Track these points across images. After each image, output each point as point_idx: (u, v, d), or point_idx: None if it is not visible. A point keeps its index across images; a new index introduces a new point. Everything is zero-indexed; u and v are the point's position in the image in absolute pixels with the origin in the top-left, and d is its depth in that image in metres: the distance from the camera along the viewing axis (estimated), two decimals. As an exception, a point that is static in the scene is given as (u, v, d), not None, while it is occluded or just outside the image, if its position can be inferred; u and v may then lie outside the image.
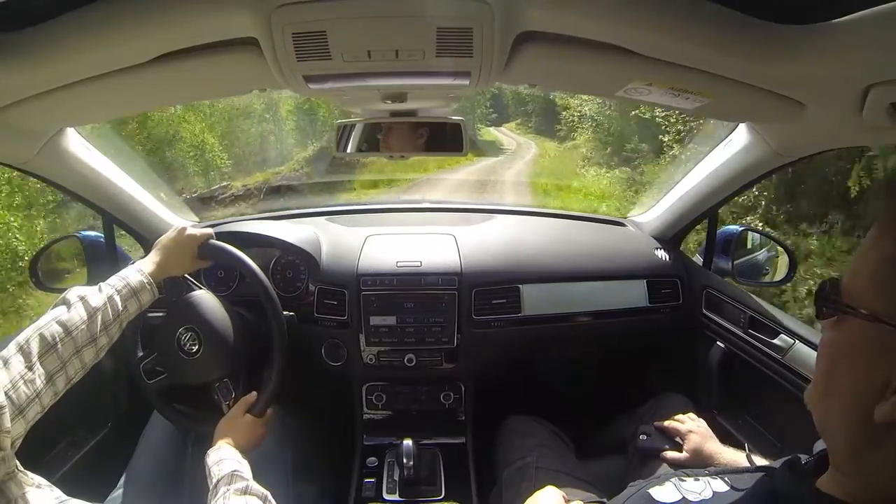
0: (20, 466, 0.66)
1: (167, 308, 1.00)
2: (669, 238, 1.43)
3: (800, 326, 1.07)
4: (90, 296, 0.77)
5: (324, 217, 1.49)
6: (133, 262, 0.89)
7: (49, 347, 0.69)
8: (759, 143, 1.00)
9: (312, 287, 1.26)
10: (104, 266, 1.26)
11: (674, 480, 0.56)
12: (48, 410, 0.68)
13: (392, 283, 1.24)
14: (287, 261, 1.29)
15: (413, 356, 1.25)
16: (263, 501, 0.71)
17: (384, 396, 1.30)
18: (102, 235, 1.29)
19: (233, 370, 0.99)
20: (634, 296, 1.32)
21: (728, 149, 1.11)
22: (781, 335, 1.07)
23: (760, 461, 0.77)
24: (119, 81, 0.67)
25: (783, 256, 1.33)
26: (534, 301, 1.27)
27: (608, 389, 1.48)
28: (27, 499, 0.63)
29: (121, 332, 0.82)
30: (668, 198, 1.41)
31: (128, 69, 0.65)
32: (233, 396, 0.97)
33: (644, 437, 1.02)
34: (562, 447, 1.12)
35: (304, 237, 1.29)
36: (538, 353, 1.48)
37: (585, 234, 1.48)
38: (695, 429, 0.97)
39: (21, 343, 0.68)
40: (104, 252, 1.29)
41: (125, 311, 0.81)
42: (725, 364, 1.25)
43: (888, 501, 0.42)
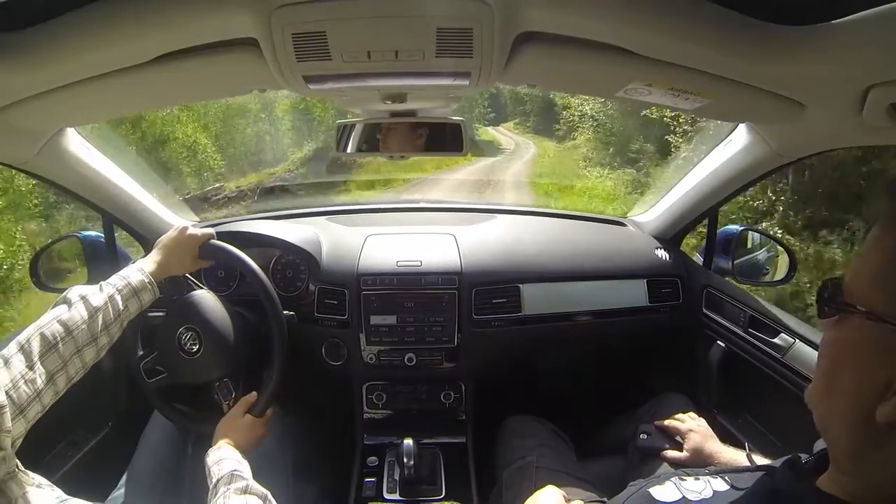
0: (21, 466, 0.66)
1: (167, 307, 1.00)
2: (669, 238, 1.43)
3: (800, 326, 1.07)
4: (91, 295, 0.77)
5: (324, 217, 1.49)
6: (133, 262, 0.89)
7: (50, 347, 0.69)
8: (759, 144, 1.00)
9: (313, 287, 1.26)
10: (104, 266, 1.26)
11: (674, 480, 0.57)
12: (48, 410, 0.68)
13: (392, 283, 1.24)
14: (287, 260, 1.29)
15: (413, 356, 1.25)
16: (263, 501, 0.71)
17: (384, 396, 1.31)
18: (102, 235, 1.29)
19: (233, 370, 0.99)
20: (634, 295, 1.32)
21: (728, 149, 1.11)
22: (782, 334, 1.07)
23: (761, 460, 0.77)
24: (119, 81, 0.67)
25: (783, 256, 1.33)
26: (534, 300, 1.27)
27: (608, 389, 1.48)
28: (28, 498, 0.63)
29: (121, 332, 0.82)
30: (669, 197, 1.41)
31: (128, 69, 0.65)
32: (233, 396, 0.98)
33: (644, 437, 1.02)
34: (562, 447, 1.12)
35: (305, 237, 1.29)
36: (538, 353, 1.48)
37: (585, 234, 1.48)
38: (695, 428, 0.97)
39: (22, 342, 0.68)
40: (104, 252, 1.29)
41: (126, 311, 0.81)
42: (726, 363, 1.25)
43: (889, 501, 0.42)
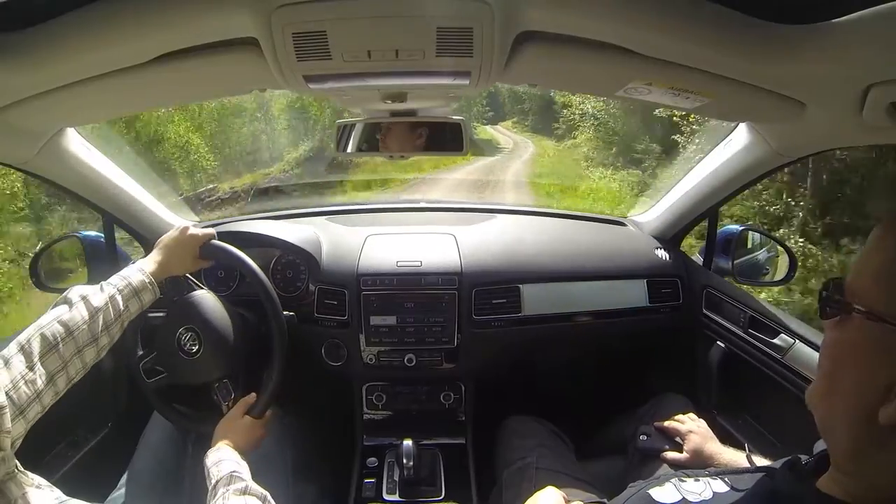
0: (20, 467, 0.66)
1: (168, 308, 1.00)
2: (669, 238, 1.43)
3: (800, 326, 1.07)
4: (92, 295, 0.77)
5: (324, 217, 1.49)
6: (134, 262, 0.89)
7: (50, 347, 0.69)
8: (760, 143, 1.00)
9: (313, 287, 1.26)
10: (104, 266, 1.26)
11: (674, 481, 0.57)
12: (48, 410, 0.68)
13: (392, 283, 1.24)
14: (287, 261, 1.29)
15: (413, 356, 1.25)
16: (262, 501, 0.71)
17: (384, 396, 1.30)
18: (102, 235, 1.29)
19: (232, 370, 0.99)
20: (634, 295, 1.32)
21: (728, 148, 1.11)
22: (782, 335, 1.07)
23: (760, 461, 0.77)
24: (119, 81, 0.67)
25: (783, 256, 1.33)
26: (534, 301, 1.27)
27: (608, 389, 1.48)
28: (27, 499, 0.63)
29: (122, 332, 0.82)
30: (669, 197, 1.41)
31: (128, 69, 0.65)
32: (232, 397, 0.97)
33: (644, 438, 1.02)
34: (562, 447, 1.12)
35: (305, 237, 1.29)
36: (538, 353, 1.48)
37: (585, 234, 1.48)
38: (695, 429, 0.97)
39: (22, 342, 0.68)
40: (104, 252, 1.29)
41: (126, 311, 0.81)
42: (725, 364, 1.25)
43: (891, 502, 0.42)
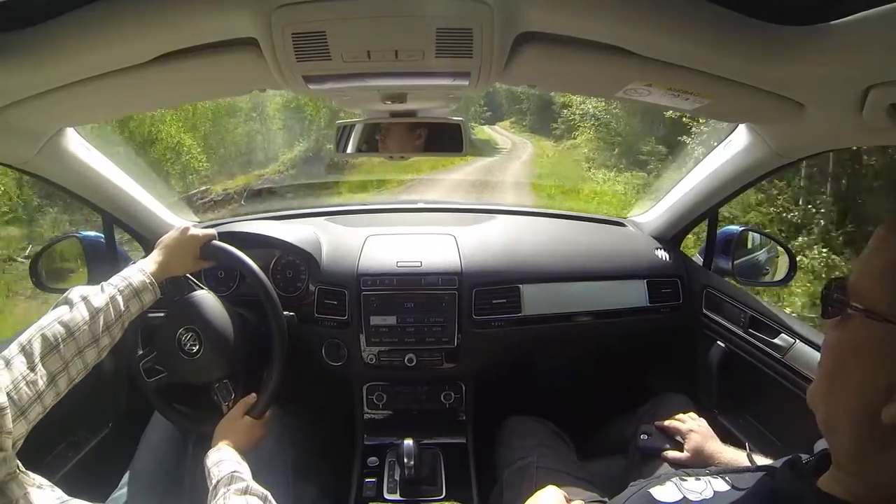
0: (21, 467, 0.66)
1: (168, 308, 1.00)
2: (669, 238, 1.43)
3: (800, 326, 1.07)
4: (92, 296, 0.77)
5: (324, 217, 1.49)
6: (134, 262, 0.89)
7: (51, 348, 0.69)
8: (759, 144, 1.00)
9: (313, 287, 1.26)
10: (104, 266, 1.26)
11: (675, 480, 0.57)
12: (49, 410, 0.68)
13: (392, 283, 1.24)
14: (287, 261, 1.29)
15: (413, 356, 1.25)
16: (263, 501, 0.71)
17: (384, 396, 1.31)
18: (102, 235, 1.29)
19: (233, 371, 0.99)
20: (634, 296, 1.32)
21: (728, 149, 1.11)
22: (782, 335, 1.07)
23: (761, 460, 0.77)
24: (119, 81, 0.67)
25: (783, 256, 1.33)
26: (534, 301, 1.27)
27: (608, 389, 1.48)
28: (28, 499, 0.63)
29: (122, 332, 0.82)
30: (669, 198, 1.41)
31: (128, 69, 0.65)
32: (232, 397, 0.97)
33: (645, 437, 1.02)
34: (562, 447, 1.12)
35: (305, 237, 1.29)
36: (538, 353, 1.48)
37: (585, 234, 1.48)
38: (695, 428, 0.97)
39: (23, 343, 0.68)
40: (104, 252, 1.29)
41: (127, 311, 0.81)
42: (726, 364, 1.25)
43: (891, 502, 0.42)
